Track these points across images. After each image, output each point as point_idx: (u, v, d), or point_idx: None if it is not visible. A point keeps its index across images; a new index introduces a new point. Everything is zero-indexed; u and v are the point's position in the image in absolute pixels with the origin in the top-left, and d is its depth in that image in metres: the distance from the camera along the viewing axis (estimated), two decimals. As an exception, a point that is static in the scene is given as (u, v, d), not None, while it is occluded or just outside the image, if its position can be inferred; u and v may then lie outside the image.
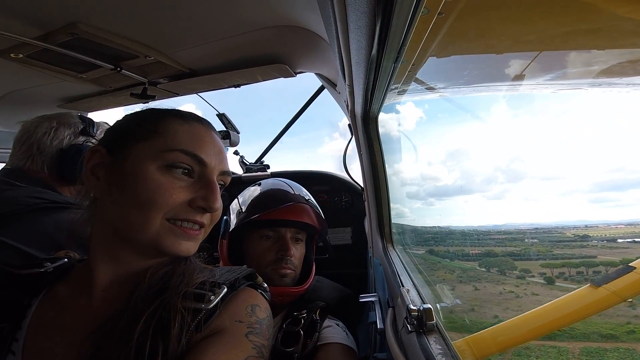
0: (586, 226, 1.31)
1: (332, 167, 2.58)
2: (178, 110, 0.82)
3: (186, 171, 0.74)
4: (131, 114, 0.83)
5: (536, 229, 1.48)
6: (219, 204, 0.77)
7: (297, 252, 1.37)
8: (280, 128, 2.76)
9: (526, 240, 1.52)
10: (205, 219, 0.77)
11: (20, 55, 1.23)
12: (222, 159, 0.80)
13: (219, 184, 0.79)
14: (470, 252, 1.77)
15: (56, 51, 1.21)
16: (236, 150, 2.61)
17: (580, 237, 1.32)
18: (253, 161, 2.71)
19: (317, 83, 2.16)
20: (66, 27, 1.10)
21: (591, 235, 1.28)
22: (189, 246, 0.75)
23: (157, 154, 0.72)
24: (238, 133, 2.41)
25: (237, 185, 1.94)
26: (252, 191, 1.47)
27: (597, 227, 1.27)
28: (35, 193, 1.13)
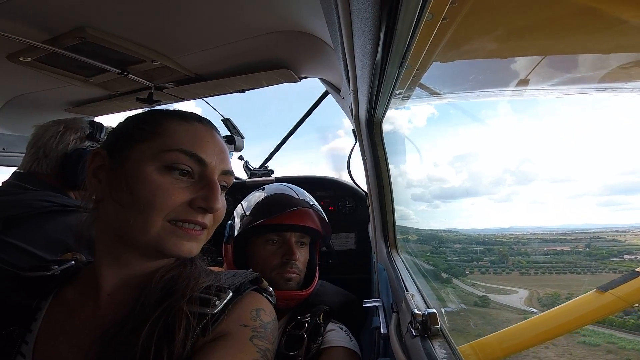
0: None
1: (333, 166, 2.55)
2: (178, 110, 0.80)
3: (185, 172, 0.73)
4: (132, 116, 0.82)
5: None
6: (220, 204, 0.75)
7: (301, 256, 1.38)
8: (284, 133, 2.77)
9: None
10: (207, 219, 0.75)
11: (29, 59, 1.25)
12: (224, 158, 0.79)
13: (221, 185, 0.77)
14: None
15: (64, 55, 1.23)
16: (240, 155, 2.61)
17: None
18: (257, 166, 2.71)
19: (322, 88, 2.17)
20: (74, 31, 1.12)
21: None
22: (191, 247, 0.74)
23: (156, 155, 0.71)
24: (243, 138, 2.41)
25: (241, 190, 1.94)
26: (257, 196, 1.47)
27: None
28: (45, 197, 1.14)
